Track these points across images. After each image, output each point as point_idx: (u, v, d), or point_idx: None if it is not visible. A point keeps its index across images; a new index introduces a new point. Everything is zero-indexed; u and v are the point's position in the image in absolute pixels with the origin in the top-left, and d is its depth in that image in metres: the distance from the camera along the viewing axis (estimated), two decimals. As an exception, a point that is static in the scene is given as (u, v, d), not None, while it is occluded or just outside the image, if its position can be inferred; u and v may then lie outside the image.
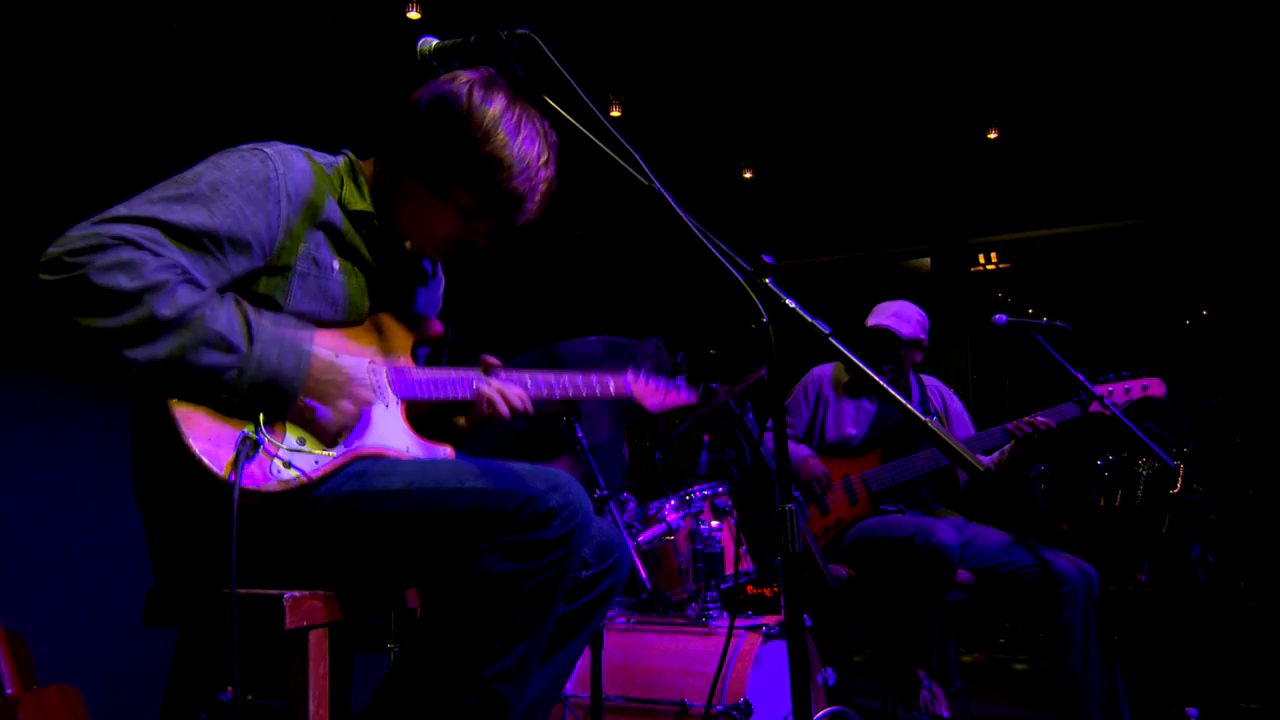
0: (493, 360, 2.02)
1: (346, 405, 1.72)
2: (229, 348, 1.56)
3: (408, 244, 1.97)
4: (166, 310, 1.51)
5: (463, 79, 1.84)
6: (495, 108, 1.83)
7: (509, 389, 1.99)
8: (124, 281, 1.48)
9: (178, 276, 1.55)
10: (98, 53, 4.00)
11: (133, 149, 3.98)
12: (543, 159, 1.88)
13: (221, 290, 1.65)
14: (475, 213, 1.89)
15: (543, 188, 1.90)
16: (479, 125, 1.81)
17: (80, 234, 1.50)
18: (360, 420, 1.77)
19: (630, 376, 2.32)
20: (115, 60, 4.07)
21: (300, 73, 4.86)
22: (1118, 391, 3.39)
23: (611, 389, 2.25)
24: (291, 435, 1.66)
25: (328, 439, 1.71)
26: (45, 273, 1.48)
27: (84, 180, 3.77)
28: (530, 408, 2.01)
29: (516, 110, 1.85)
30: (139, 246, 1.52)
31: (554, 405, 2.77)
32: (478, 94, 1.83)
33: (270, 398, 1.61)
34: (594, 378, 2.20)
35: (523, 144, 1.84)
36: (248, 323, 1.60)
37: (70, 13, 3.84)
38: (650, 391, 2.36)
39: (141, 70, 4.18)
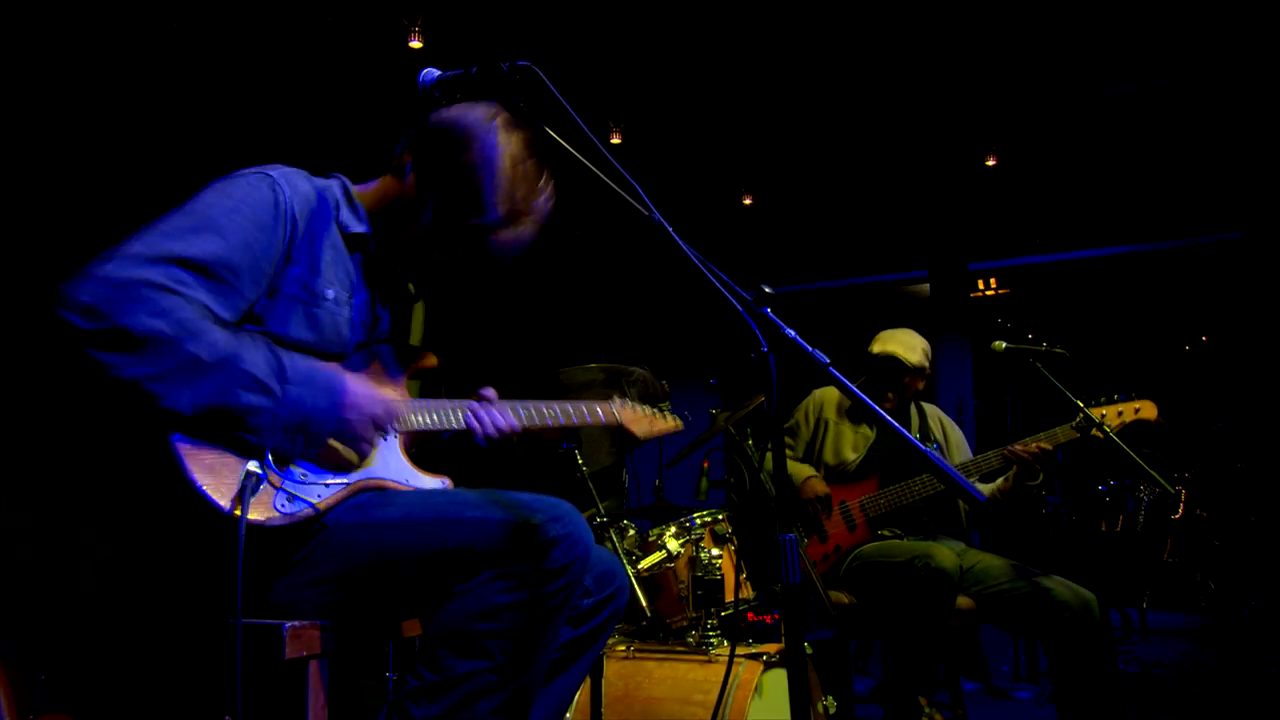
0: (488, 393, 2.04)
1: (372, 434, 1.74)
2: (265, 390, 1.57)
3: (399, 267, 1.99)
4: (206, 354, 1.51)
5: (479, 110, 1.87)
6: (503, 141, 1.85)
7: (500, 418, 1.99)
8: (163, 327, 1.48)
9: (210, 319, 1.57)
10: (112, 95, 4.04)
11: (145, 179, 4.01)
12: (535, 198, 1.90)
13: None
14: (453, 216, 1.87)
15: (525, 215, 1.90)
16: (481, 151, 1.83)
17: (104, 275, 1.48)
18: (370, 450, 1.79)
19: (616, 405, 2.34)
20: (131, 94, 4.11)
21: (305, 103, 4.89)
22: (1110, 415, 3.39)
23: (601, 417, 2.27)
24: (295, 468, 1.67)
25: (334, 464, 1.71)
26: (75, 318, 1.45)
27: (88, 202, 3.78)
28: (519, 430, 2.01)
29: (524, 152, 1.87)
30: (168, 290, 1.52)
31: (551, 434, 2.79)
32: (489, 125, 1.85)
33: (303, 438, 1.62)
34: (582, 406, 2.22)
35: (524, 178, 1.86)
36: (280, 364, 1.61)
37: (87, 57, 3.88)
38: (637, 419, 2.38)
39: (150, 91, 4.22)
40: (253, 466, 1.60)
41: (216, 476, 1.57)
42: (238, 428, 1.57)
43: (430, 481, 1.88)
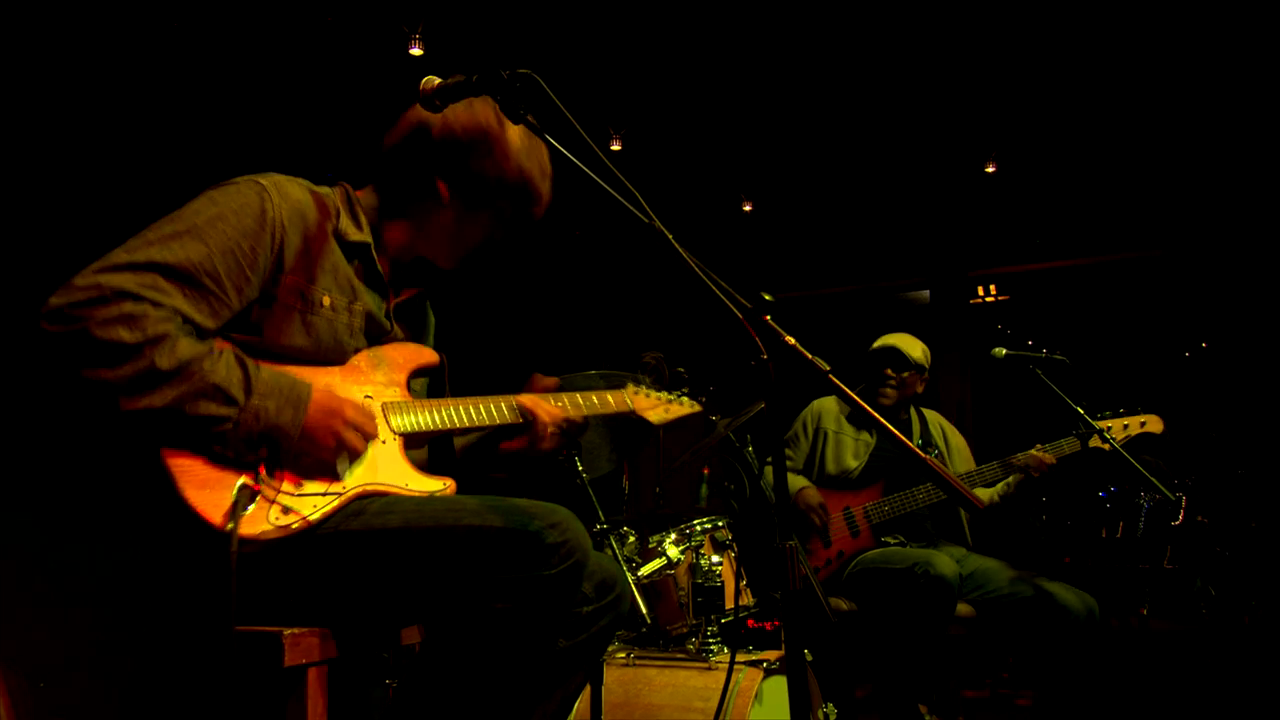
0: (548, 379, 2.09)
1: (348, 444, 1.72)
2: (226, 400, 1.57)
3: (399, 263, 2.01)
4: (166, 362, 1.52)
5: (480, 111, 1.95)
6: (509, 126, 1.95)
7: (552, 409, 2.07)
8: (125, 334, 1.50)
9: (178, 329, 1.57)
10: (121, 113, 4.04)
11: (151, 186, 4.01)
12: (547, 159, 2.04)
13: (225, 323, 1.67)
14: (506, 216, 2.03)
15: (549, 183, 2.06)
16: (499, 139, 1.94)
17: (83, 284, 1.51)
18: (360, 456, 1.77)
19: (631, 391, 2.32)
20: (138, 106, 4.11)
21: (306, 109, 4.90)
22: (1116, 428, 3.40)
23: (612, 404, 2.25)
24: (289, 479, 1.66)
25: (329, 474, 1.71)
26: (49, 323, 1.49)
27: (89, 211, 3.78)
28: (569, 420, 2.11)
29: (520, 129, 1.99)
30: (139, 298, 1.53)
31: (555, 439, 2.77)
32: (499, 124, 1.95)
33: (268, 448, 1.62)
34: (593, 395, 2.22)
35: (537, 151, 2.00)
36: (245, 376, 1.61)
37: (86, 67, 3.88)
38: (652, 405, 2.35)
39: (154, 99, 4.22)
40: (246, 480, 1.59)
41: (209, 491, 1.56)
42: (200, 437, 1.57)
43: (430, 484, 1.87)
